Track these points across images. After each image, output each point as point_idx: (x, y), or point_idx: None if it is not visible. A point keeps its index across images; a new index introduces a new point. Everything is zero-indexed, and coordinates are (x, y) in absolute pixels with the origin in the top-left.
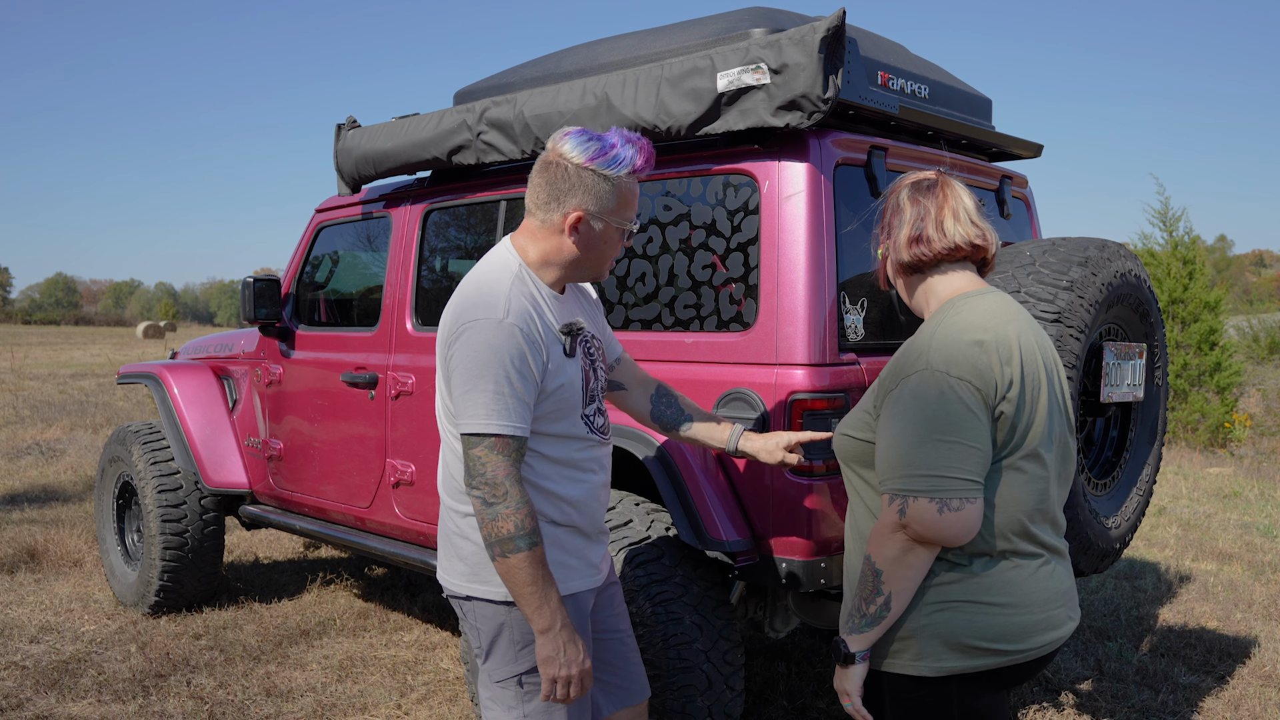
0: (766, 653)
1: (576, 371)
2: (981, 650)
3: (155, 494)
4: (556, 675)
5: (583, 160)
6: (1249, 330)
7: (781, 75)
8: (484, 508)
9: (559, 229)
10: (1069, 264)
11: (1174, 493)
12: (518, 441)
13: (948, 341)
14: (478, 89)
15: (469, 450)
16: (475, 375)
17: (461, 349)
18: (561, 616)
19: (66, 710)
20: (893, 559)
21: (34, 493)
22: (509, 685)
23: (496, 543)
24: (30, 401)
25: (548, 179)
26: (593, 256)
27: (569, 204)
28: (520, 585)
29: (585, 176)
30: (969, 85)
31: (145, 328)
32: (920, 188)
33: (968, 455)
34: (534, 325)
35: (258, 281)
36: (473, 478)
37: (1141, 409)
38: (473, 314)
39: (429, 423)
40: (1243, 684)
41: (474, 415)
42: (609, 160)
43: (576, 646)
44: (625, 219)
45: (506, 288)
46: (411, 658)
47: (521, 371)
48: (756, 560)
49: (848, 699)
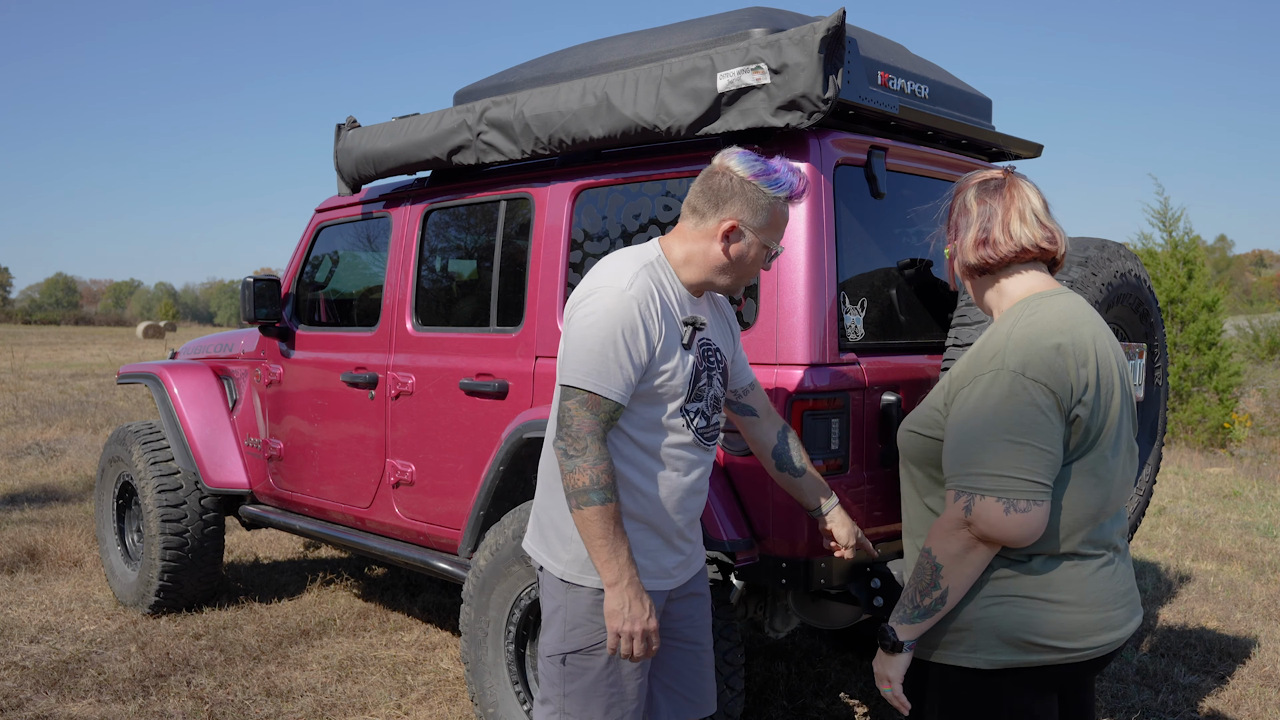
0: (766, 653)
1: (688, 364)
2: (1037, 646)
3: (155, 494)
4: (620, 629)
5: (747, 174)
6: (1249, 330)
7: (781, 75)
8: (564, 459)
9: (712, 234)
10: (1069, 264)
11: (1174, 493)
12: (610, 405)
13: (1025, 343)
14: (478, 89)
15: (562, 402)
16: (586, 335)
17: (580, 312)
18: (630, 573)
19: (66, 710)
20: (954, 555)
21: (34, 493)
22: (554, 662)
23: (573, 494)
24: (30, 401)
25: (710, 186)
26: (736, 268)
27: (726, 212)
28: (592, 537)
29: (747, 189)
30: (969, 85)
31: (145, 328)
32: (987, 188)
33: (1038, 458)
34: (653, 305)
35: (258, 281)
36: (561, 429)
37: (1141, 409)
38: (598, 283)
39: (429, 423)
40: (1243, 684)
41: (575, 370)
42: (771, 180)
43: (643, 604)
44: (773, 239)
45: (636, 268)
46: (411, 658)
47: (631, 343)
48: (756, 560)
49: (887, 685)
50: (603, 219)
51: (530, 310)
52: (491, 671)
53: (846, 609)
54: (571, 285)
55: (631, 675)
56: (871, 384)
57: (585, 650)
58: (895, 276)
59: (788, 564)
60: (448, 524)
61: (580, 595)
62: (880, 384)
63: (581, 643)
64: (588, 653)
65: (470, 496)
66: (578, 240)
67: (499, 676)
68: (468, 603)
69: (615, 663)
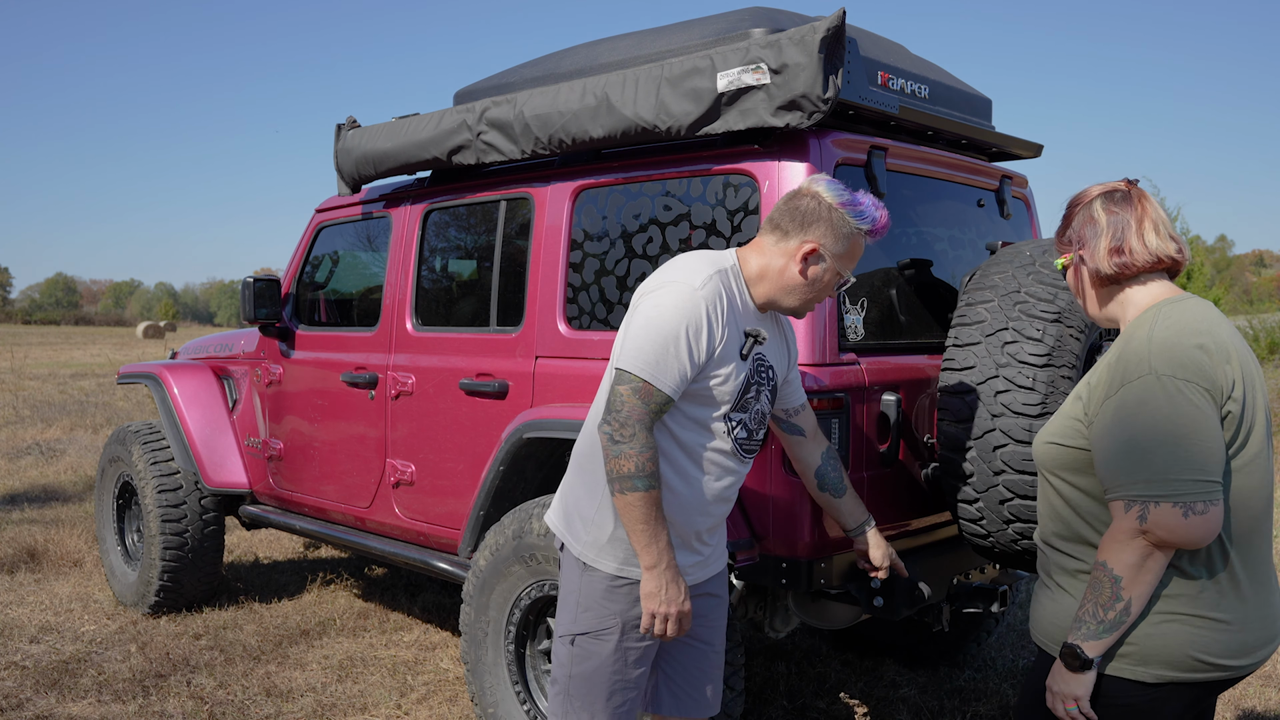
0: (766, 653)
1: (741, 374)
2: (1206, 665)
3: (155, 494)
4: (656, 610)
5: (835, 201)
6: (1249, 330)
7: (781, 75)
8: (610, 444)
9: (791, 254)
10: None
11: None
12: (661, 396)
13: (1168, 346)
14: (478, 89)
15: (616, 385)
16: (651, 325)
17: (649, 301)
18: (668, 557)
19: (66, 710)
20: (1132, 565)
21: (34, 493)
22: (565, 643)
23: (617, 479)
24: (30, 401)
25: (796, 206)
26: (807, 290)
27: (810, 234)
28: (633, 521)
29: (834, 215)
30: (969, 85)
31: (145, 328)
32: (1114, 199)
33: (1206, 456)
34: (720, 308)
35: (258, 281)
36: (609, 413)
37: None
38: (672, 277)
39: (429, 422)
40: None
41: (634, 356)
42: (857, 211)
43: (679, 588)
44: (847, 268)
45: (711, 270)
46: (411, 658)
47: (693, 340)
48: (756, 560)
49: (1073, 703)
50: (603, 219)
51: (530, 310)
52: (491, 671)
53: (846, 609)
54: (572, 285)
55: (636, 664)
56: (871, 384)
57: (594, 634)
58: (895, 276)
59: (788, 564)
60: (448, 524)
61: (595, 578)
62: (880, 384)
63: (591, 625)
64: (596, 636)
65: (470, 496)
66: (578, 240)
67: (499, 676)
68: (468, 603)
69: (621, 650)
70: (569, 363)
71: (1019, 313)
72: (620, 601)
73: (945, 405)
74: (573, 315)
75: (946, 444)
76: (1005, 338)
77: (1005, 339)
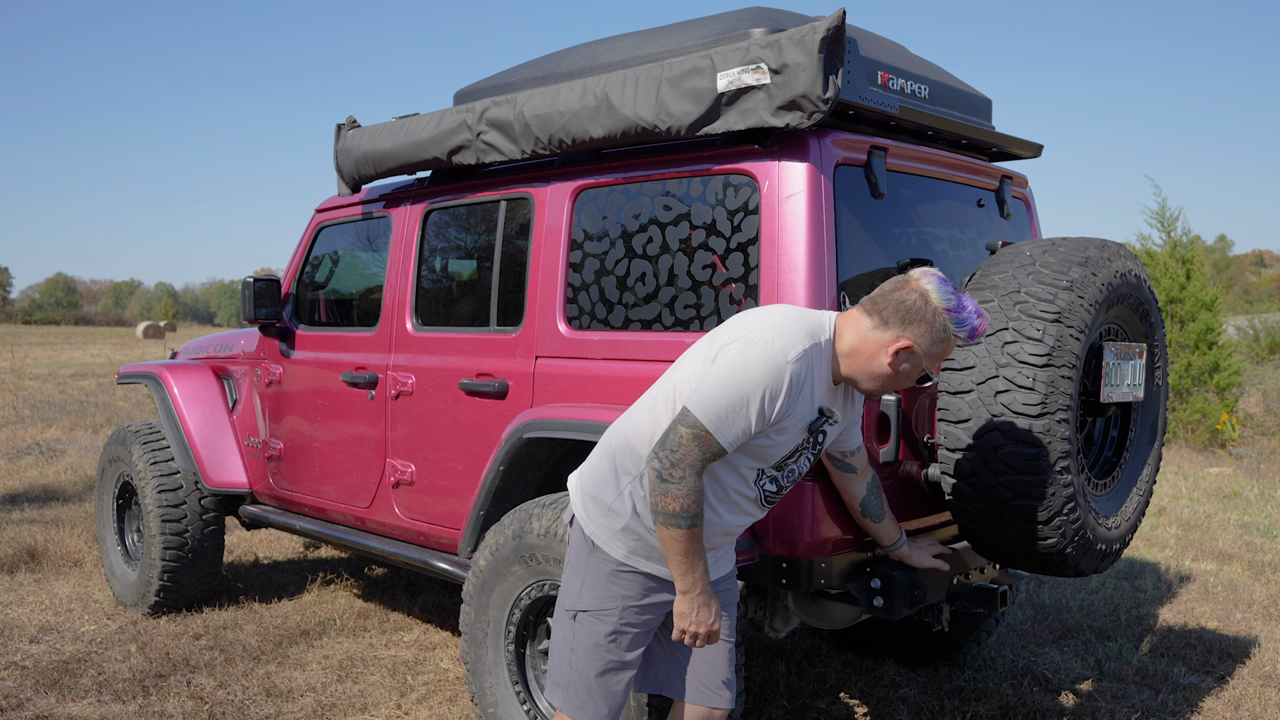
0: (766, 653)
1: (795, 442)
2: None
3: (155, 494)
4: (686, 629)
5: (940, 305)
6: (1249, 330)
7: (781, 75)
8: (658, 480)
9: (885, 345)
10: (1069, 264)
11: (1174, 493)
12: (718, 448)
13: None
14: (478, 89)
15: (678, 423)
16: (732, 380)
17: (739, 349)
18: (703, 583)
19: (66, 710)
20: None
21: (34, 493)
22: (568, 616)
23: (661, 514)
24: (30, 401)
25: (901, 300)
26: (890, 381)
27: (908, 331)
28: (673, 554)
29: (936, 318)
30: (969, 85)
31: (145, 328)
32: None
33: None
34: (803, 383)
35: (258, 281)
36: (663, 448)
37: (1141, 409)
38: (772, 335)
39: (429, 423)
40: (1243, 684)
41: (704, 402)
42: (959, 319)
43: (710, 610)
44: (933, 366)
45: (809, 344)
46: (411, 658)
47: (766, 406)
48: (756, 560)
49: None
50: (603, 219)
51: (530, 310)
52: (491, 671)
53: (846, 609)
54: (572, 285)
55: (630, 647)
56: None
57: (594, 612)
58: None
59: (788, 564)
60: (448, 524)
61: (602, 559)
62: None
63: (592, 604)
64: (596, 615)
65: (470, 496)
66: (578, 240)
67: (499, 676)
68: (468, 603)
69: (618, 632)
70: (569, 363)
71: (1019, 313)
72: (623, 587)
73: (945, 405)
74: (573, 315)
75: (946, 444)
76: (1005, 338)
77: (1005, 339)
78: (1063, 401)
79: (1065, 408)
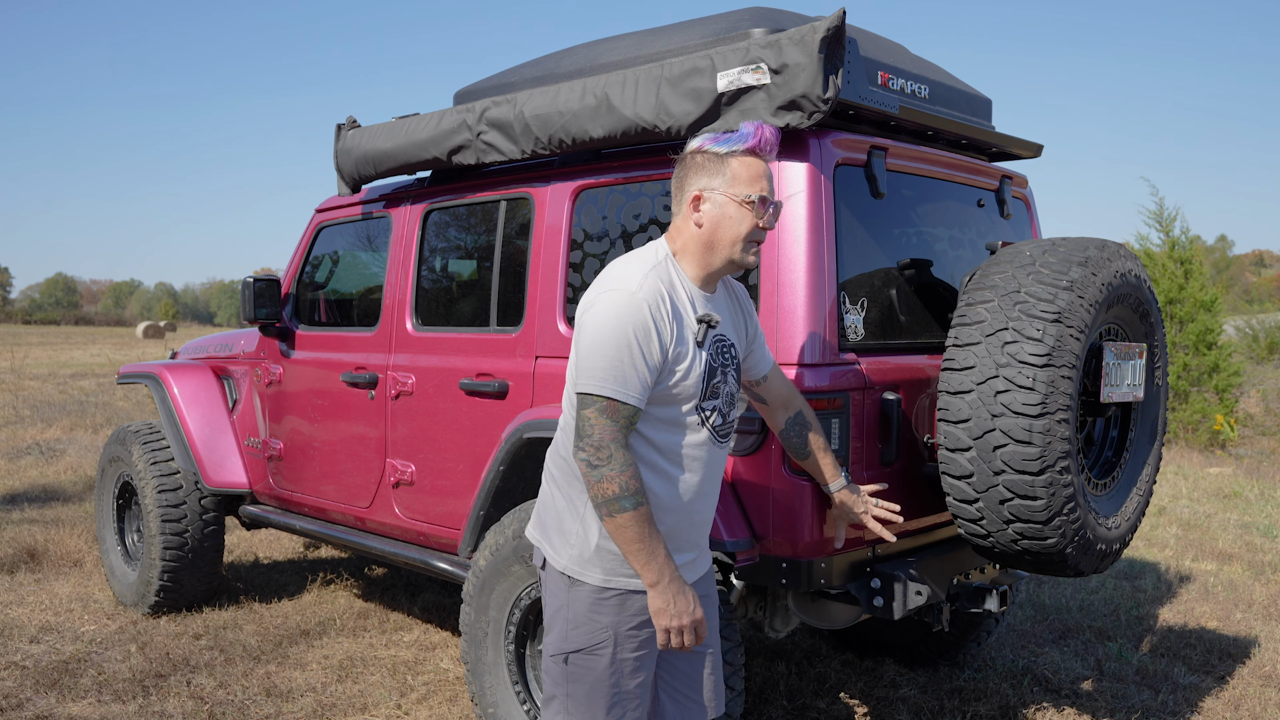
0: (766, 653)
1: (702, 363)
2: None
3: (155, 494)
4: (669, 626)
5: (696, 146)
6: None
7: (781, 75)
8: (589, 470)
9: (687, 216)
10: (1069, 264)
11: (1174, 493)
12: (629, 409)
13: None
14: (478, 89)
15: (581, 411)
16: (599, 341)
17: (591, 316)
18: (670, 570)
19: (66, 710)
20: None
21: (34, 493)
22: (558, 662)
23: (603, 503)
24: (30, 401)
25: (676, 174)
26: (719, 235)
27: (691, 188)
28: (628, 542)
29: (699, 159)
30: (969, 85)
31: (145, 328)
32: None
33: None
34: (663, 306)
35: (258, 281)
36: (581, 439)
37: (1141, 409)
38: (606, 286)
39: (429, 422)
40: (1243, 684)
41: (591, 376)
42: (720, 140)
43: (686, 598)
44: (745, 190)
45: (646, 269)
46: (411, 658)
47: (644, 345)
48: (756, 560)
49: None
50: (603, 219)
51: (530, 310)
52: (491, 671)
53: (846, 609)
54: (572, 285)
55: (634, 674)
56: (871, 384)
57: (587, 650)
58: (895, 276)
59: (788, 564)
60: (448, 524)
61: (581, 593)
62: (880, 384)
63: (583, 642)
64: (589, 652)
65: (470, 496)
66: (578, 240)
67: (499, 676)
68: (468, 603)
69: (617, 663)
70: None
71: (1019, 313)
72: (609, 614)
73: (945, 405)
74: (573, 315)
75: (946, 444)
76: (1005, 338)
77: (1005, 339)
78: (1063, 401)
79: (1065, 408)
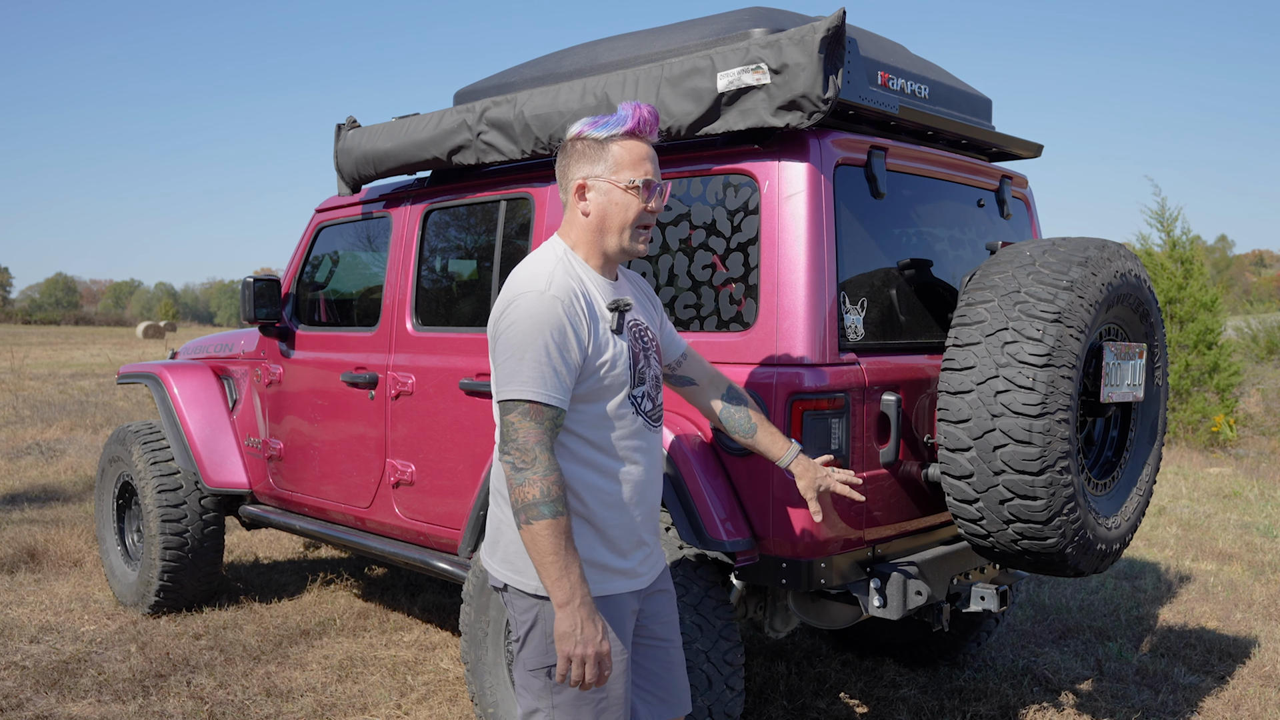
0: (766, 653)
1: (624, 350)
2: None
3: (155, 494)
4: (571, 653)
5: (572, 134)
6: (1248, 330)
7: (781, 75)
8: (513, 473)
9: (574, 205)
10: (1069, 264)
11: (1174, 493)
12: (552, 411)
13: None
14: (478, 89)
15: (504, 417)
16: (516, 345)
17: (504, 323)
18: (582, 592)
19: (66, 710)
20: None
21: (34, 493)
22: (539, 675)
23: (521, 509)
24: (30, 401)
25: (559, 163)
26: (608, 222)
27: (574, 176)
28: (541, 554)
29: (578, 146)
30: (969, 85)
31: (145, 328)
32: None
33: None
34: (577, 302)
35: (258, 281)
36: (505, 444)
37: (1141, 409)
38: (517, 289)
39: (429, 423)
40: (1243, 684)
41: (510, 382)
42: (597, 126)
43: (595, 626)
44: (629, 175)
45: (551, 267)
46: (411, 658)
47: (561, 344)
48: (756, 560)
49: None
50: None
51: None
52: (491, 671)
53: (846, 609)
54: None
55: (617, 679)
56: (872, 384)
57: None
58: (895, 276)
59: (788, 564)
60: (448, 524)
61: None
62: (880, 384)
63: None
64: None
65: (470, 496)
66: None
67: (499, 676)
68: (468, 603)
69: None
70: None
71: (1019, 313)
72: None
73: (945, 405)
74: None
75: (946, 444)
76: (1005, 338)
77: (1005, 339)
78: (1063, 401)
79: (1065, 408)
